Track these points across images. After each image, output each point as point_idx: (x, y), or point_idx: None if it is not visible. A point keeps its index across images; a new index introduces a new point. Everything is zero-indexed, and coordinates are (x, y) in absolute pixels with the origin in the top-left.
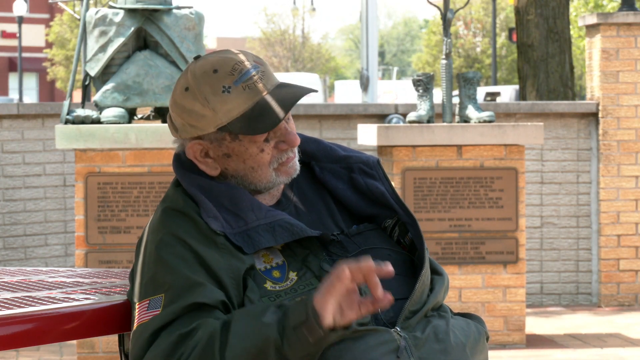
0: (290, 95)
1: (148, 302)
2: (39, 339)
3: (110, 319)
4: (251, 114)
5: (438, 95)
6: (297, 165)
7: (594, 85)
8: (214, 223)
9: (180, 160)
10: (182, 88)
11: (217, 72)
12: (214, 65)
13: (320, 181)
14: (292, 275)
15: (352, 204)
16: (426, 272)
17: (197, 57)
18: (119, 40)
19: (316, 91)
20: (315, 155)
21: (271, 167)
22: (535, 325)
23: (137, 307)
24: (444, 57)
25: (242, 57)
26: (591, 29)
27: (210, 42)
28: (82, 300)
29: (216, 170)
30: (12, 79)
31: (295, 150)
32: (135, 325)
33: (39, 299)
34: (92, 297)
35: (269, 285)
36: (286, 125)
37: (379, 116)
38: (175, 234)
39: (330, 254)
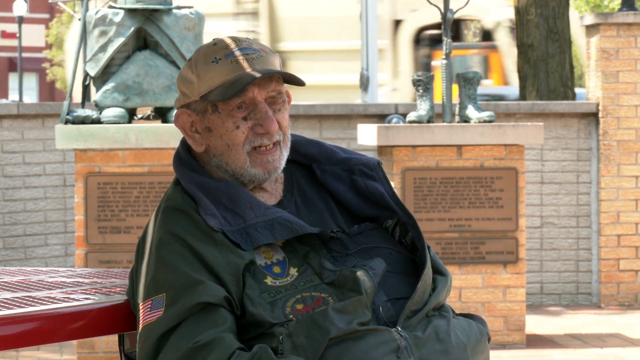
0: (271, 71)
1: (150, 302)
2: (39, 339)
3: (111, 319)
4: (228, 83)
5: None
6: (278, 164)
7: (593, 85)
8: (212, 220)
9: (181, 159)
10: (188, 60)
11: (215, 45)
12: (216, 40)
13: (321, 183)
14: (293, 271)
15: (353, 205)
16: (428, 272)
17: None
18: (119, 40)
19: (303, 84)
20: (316, 158)
21: (244, 149)
22: (535, 325)
23: (140, 307)
24: (444, 57)
25: (247, 39)
26: (591, 29)
27: None
28: (82, 300)
29: (202, 146)
30: (12, 79)
31: (275, 142)
32: (140, 326)
33: (39, 299)
34: (92, 297)
35: (269, 280)
36: (268, 109)
37: (379, 116)
38: (173, 232)
39: (330, 251)
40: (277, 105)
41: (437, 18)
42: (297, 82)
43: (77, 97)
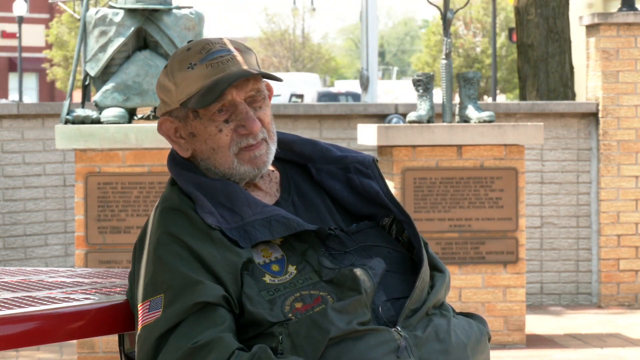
0: (245, 71)
1: (149, 303)
2: (39, 339)
3: (111, 319)
4: (205, 89)
5: (438, 95)
6: (266, 158)
7: (593, 85)
8: (210, 218)
9: (175, 159)
10: (164, 67)
11: (189, 50)
12: (190, 45)
13: (317, 183)
14: (291, 269)
15: (349, 204)
16: (425, 270)
17: (189, 41)
18: (119, 40)
19: (280, 79)
20: (311, 157)
21: (231, 151)
22: (535, 325)
23: (139, 308)
24: (444, 57)
25: (219, 40)
26: (591, 29)
27: None
28: (82, 300)
29: (187, 151)
30: (12, 79)
31: (261, 139)
32: (139, 327)
33: (39, 299)
34: (92, 297)
35: (267, 278)
36: (248, 110)
37: (379, 116)
38: (170, 232)
39: (328, 249)
40: (257, 103)
41: None
42: (274, 79)
43: (77, 97)
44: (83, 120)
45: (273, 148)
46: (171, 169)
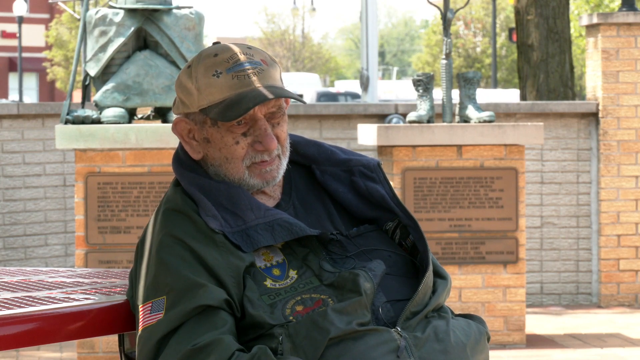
0: (271, 92)
1: (150, 304)
2: (39, 339)
3: (111, 319)
4: (229, 102)
5: (438, 95)
6: (277, 173)
7: (593, 85)
8: (213, 222)
9: (180, 160)
10: (187, 65)
11: (216, 57)
12: (217, 50)
13: (320, 185)
14: (292, 273)
15: (352, 207)
16: (430, 274)
17: (215, 43)
18: (119, 40)
19: (303, 102)
20: (315, 159)
21: (244, 163)
22: (535, 325)
23: (140, 309)
24: (444, 57)
25: (247, 50)
26: (591, 29)
27: (210, 42)
28: (82, 300)
29: (199, 154)
30: (12, 79)
31: (275, 156)
32: (139, 328)
33: (39, 299)
34: (92, 297)
35: (268, 282)
36: (267, 127)
37: (379, 116)
38: (174, 234)
39: (329, 253)
40: (276, 119)
41: None
42: (298, 100)
43: (77, 97)
44: (83, 120)
45: (284, 163)
46: (175, 170)
